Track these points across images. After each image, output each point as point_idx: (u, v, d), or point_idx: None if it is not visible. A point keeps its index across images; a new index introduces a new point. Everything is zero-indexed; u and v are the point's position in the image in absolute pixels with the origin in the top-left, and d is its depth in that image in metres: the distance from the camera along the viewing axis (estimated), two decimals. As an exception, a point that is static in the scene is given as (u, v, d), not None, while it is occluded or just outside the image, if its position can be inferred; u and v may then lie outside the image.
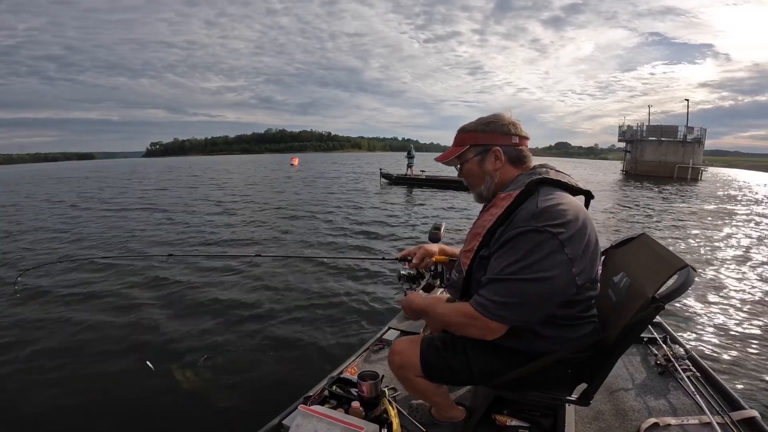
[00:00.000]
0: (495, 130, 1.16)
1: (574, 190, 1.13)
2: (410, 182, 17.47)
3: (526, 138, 1.19)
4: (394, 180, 18.24)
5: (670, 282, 1.05)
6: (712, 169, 36.93)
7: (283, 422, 1.44)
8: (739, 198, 16.50)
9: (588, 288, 1.08)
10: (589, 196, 1.18)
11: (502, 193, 1.13)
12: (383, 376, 1.50)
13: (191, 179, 24.21)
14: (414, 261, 1.52)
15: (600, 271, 1.12)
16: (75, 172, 39.29)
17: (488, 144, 1.16)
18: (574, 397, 1.23)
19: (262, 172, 29.62)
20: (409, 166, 18.20)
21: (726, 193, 18.69)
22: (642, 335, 2.08)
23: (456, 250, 1.54)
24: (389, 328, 2.28)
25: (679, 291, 1.00)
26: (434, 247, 1.55)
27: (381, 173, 19.15)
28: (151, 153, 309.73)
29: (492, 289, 1.03)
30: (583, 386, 1.21)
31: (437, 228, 2.60)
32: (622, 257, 1.37)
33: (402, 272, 1.69)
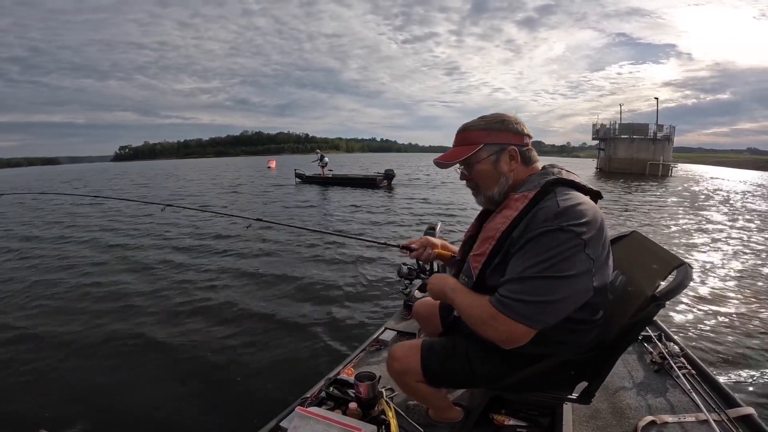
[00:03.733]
0: (509, 129, 1.11)
1: (585, 191, 1.10)
2: (321, 181, 19.07)
3: (532, 138, 1.16)
4: (306, 179, 19.81)
5: (669, 279, 1.05)
6: (680, 166, 37.66)
7: (281, 424, 1.43)
8: (715, 193, 16.74)
9: (603, 291, 1.05)
10: (597, 196, 1.16)
11: (515, 194, 1.08)
12: (380, 376, 1.49)
13: (135, 188, 20.73)
14: (414, 246, 1.49)
15: (611, 273, 1.09)
16: (11, 182, 33.19)
17: (504, 143, 1.11)
18: (575, 396, 1.24)
19: (227, 180, 24.65)
20: (322, 167, 19.60)
21: (699, 188, 19.06)
22: (637, 333, 2.09)
23: (456, 248, 1.50)
24: (386, 329, 2.27)
25: (678, 289, 1.00)
26: (437, 241, 1.52)
27: (295, 173, 20.64)
28: (120, 157, 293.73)
29: (514, 288, 0.97)
30: (583, 385, 1.21)
31: (432, 228, 2.59)
32: (615, 255, 1.37)
33: (403, 269, 1.72)
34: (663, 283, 1.05)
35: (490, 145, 1.11)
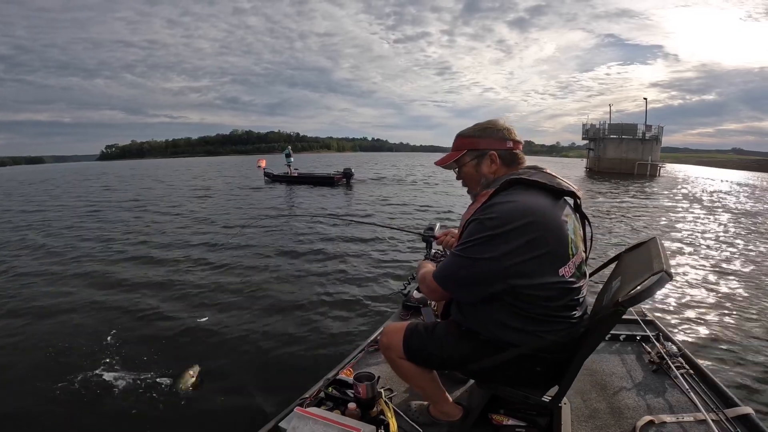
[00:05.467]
0: (490, 136, 1.24)
1: (555, 191, 1.15)
2: (287, 180, 19.80)
3: (520, 142, 1.26)
4: (273, 178, 20.55)
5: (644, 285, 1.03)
6: (668, 166, 37.87)
7: (280, 425, 1.42)
8: (706, 193, 16.94)
9: (555, 288, 1.09)
10: (574, 197, 1.20)
11: (483, 191, 1.23)
12: (379, 377, 1.49)
13: (100, 191, 18.53)
14: (437, 233, 1.84)
15: (567, 273, 1.11)
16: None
17: (484, 149, 1.24)
18: (546, 398, 1.24)
19: (208, 181, 23.43)
20: (288, 165, 20.34)
21: (689, 188, 19.34)
22: (635, 333, 2.10)
23: None
24: (384, 329, 2.27)
25: (642, 296, 0.98)
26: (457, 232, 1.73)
27: (264, 172, 21.35)
28: (106, 156, 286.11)
29: (444, 260, 1.24)
30: (555, 388, 1.21)
31: (431, 228, 2.60)
32: (626, 261, 1.37)
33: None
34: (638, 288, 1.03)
35: (472, 150, 1.27)
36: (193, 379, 2.60)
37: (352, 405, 1.41)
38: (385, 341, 1.39)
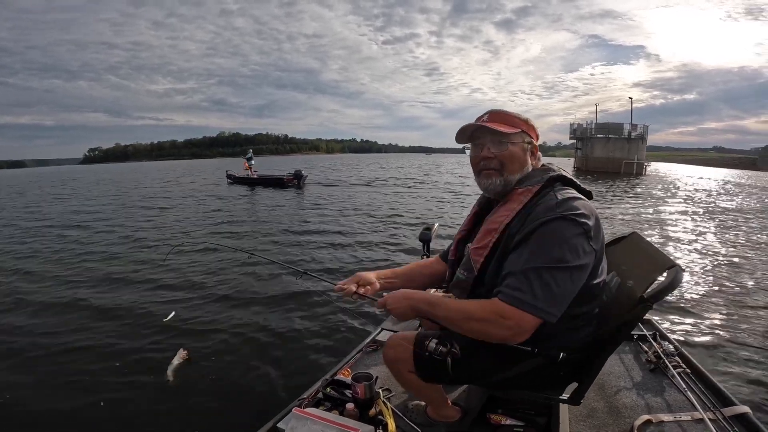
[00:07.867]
0: (535, 131, 1.20)
1: (580, 190, 1.14)
2: (248, 182, 20.58)
3: None
4: (235, 179, 21.57)
5: (660, 281, 1.05)
6: (653, 164, 38.42)
7: (278, 425, 1.42)
8: (695, 192, 17.09)
9: (598, 287, 1.09)
10: (589, 197, 1.19)
11: (519, 188, 1.13)
12: (377, 377, 1.49)
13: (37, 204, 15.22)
14: (342, 285, 1.29)
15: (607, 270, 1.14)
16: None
17: (533, 138, 1.20)
18: (565, 396, 1.23)
19: (180, 186, 21.94)
20: (249, 167, 21.33)
21: (677, 187, 19.56)
22: (632, 332, 2.10)
23: (388, 272, 1.41)
24: (382, 329, 2.27)
25: (666, 290, 1.01)
26: (371, 275, 1.36)
27: (227, 174, 22.61)
28: (89, 159, 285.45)
29: (522, 281, 0.96)
30: (574, 385, 1.21)
31: (428, 229, 2.58)
32: (613, 256, 1.38)
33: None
34: (654, 285, 1.05)
35: (525, 133, 1.17)
36: (182, 361, 2.53)
37: (350, 405, 1.41)
38: (392, 354, 1.26)
